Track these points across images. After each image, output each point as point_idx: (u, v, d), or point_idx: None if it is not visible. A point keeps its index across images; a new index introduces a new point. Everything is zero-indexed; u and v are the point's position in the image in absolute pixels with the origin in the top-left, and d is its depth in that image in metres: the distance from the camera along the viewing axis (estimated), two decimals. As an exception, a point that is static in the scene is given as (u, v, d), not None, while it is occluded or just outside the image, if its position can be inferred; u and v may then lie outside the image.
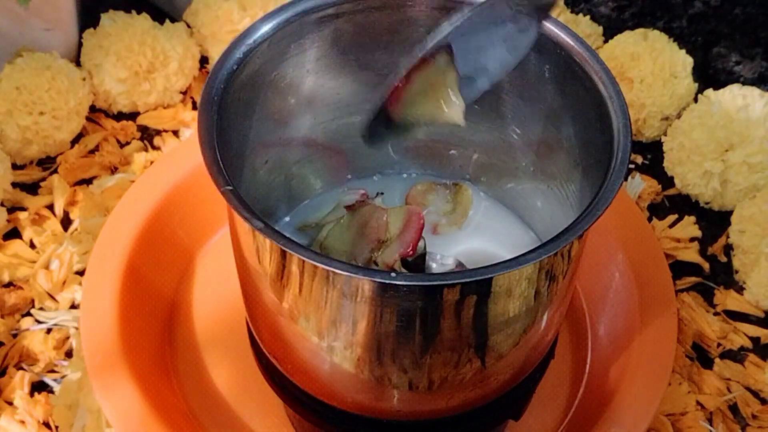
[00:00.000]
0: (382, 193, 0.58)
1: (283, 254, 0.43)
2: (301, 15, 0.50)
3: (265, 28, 0.49)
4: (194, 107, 0.79)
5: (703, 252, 0.71)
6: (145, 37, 0.76)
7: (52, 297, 0.66)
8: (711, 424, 0.61)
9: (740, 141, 0.70)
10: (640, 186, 0.74)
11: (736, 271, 0.69)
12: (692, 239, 0.71)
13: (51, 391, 0.61)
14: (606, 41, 0.81)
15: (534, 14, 0.49)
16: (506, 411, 0.53)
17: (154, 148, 0.76)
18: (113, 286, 0.60)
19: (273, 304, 0.46)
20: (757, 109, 0.71)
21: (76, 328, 0.64)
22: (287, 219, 0.58)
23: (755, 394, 0.64)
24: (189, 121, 0.78)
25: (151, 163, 0.73)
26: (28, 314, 0.65)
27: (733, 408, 0.63)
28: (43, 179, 0.73)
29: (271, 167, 0.54)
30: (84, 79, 0.75)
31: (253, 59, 0.48)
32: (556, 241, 0.41)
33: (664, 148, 0.75)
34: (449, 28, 0.48)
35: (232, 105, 0.47)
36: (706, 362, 0.65)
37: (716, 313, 0.68)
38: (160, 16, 0.80)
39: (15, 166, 0.72)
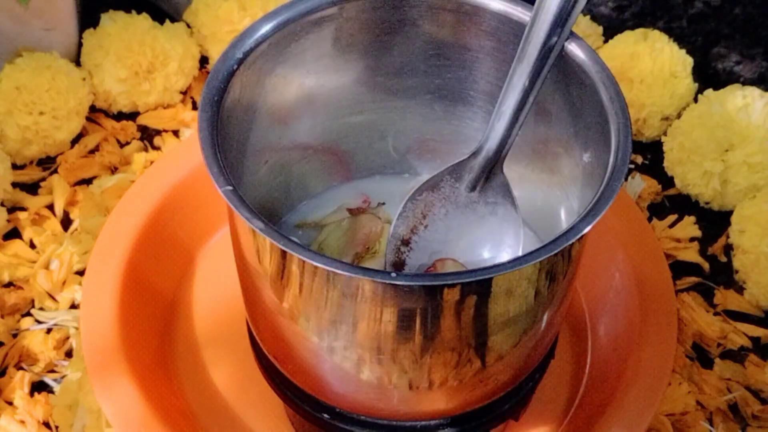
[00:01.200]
0: (384, 203, 0.58)
1: (283, 254, 0.43)
2: (301, 15, 0.49)
3: (265, 28, 0.49)
4: (194, 107, 0.79)
5: (703, 252, 0.71)
6: (145, 37, 0.76)
7: (52, 297, 0.66)
8: (711, 424, 0.61)
9: (740, 141, 0.70)
10: (640, 186, 0.74)
11: (736, 271, 0.69)
12: (692, 239, 0.71)
13: (51, 391, 0.61)
14: (606, 41, 0.81)
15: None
16: (506, 411, 0.53)
17: (154, 148, 0.76)
18: (113, 286, 0.60)
19: (273, 304, 0.46)
20: (757, 109, 0.71)
21: (76, 328, 0.64)
22: (287, 219, 0.58)
23: (755, 394, 0.64)
24: (189, 121, 0.78)
25: (151, 163, 0.73)
26: (28, 314, 0.65)
27: (733, 408, 0.63)
28: (43, 179, 0.73)
29: (271, 167, 0.54)
30: (84, 79, 0.75)
31: (253, 59, 0.48)
32: (556, 242, 0.41)
33: (664, 148, 0.75)
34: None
35: (232, 105, 0.47)
36: (706, 362, 0.65)
37: (716, 313, 0.67)
38: (160, 16, 0.80)
39: (15, 166, 0.72)
